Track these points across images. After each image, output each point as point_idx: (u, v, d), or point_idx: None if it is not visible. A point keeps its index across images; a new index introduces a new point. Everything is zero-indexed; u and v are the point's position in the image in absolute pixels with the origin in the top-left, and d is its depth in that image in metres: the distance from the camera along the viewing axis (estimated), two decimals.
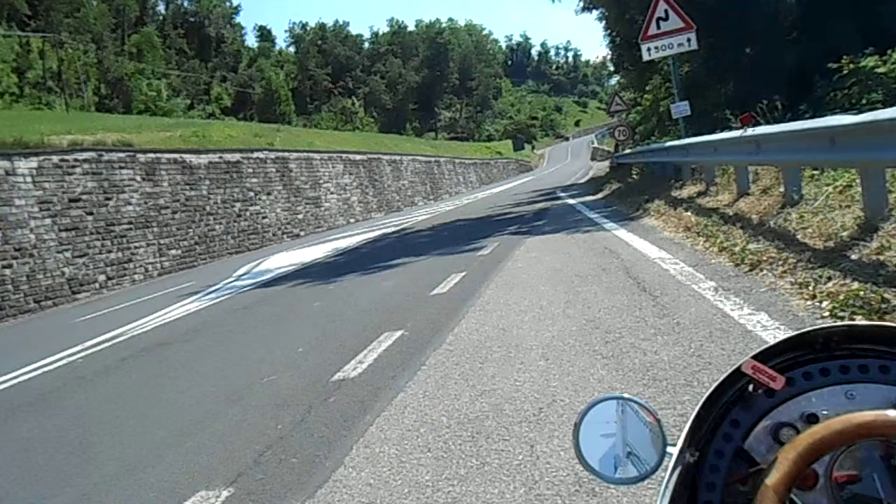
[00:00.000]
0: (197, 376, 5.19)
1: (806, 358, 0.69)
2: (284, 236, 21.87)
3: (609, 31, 20.20)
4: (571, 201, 15.91)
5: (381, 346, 4.70)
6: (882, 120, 4.17)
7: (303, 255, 13.81)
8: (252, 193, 21.02)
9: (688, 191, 9.83)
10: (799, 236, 5.01)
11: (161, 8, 69.23)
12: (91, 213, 14.78)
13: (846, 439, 0.59)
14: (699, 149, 9.10)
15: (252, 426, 3.63)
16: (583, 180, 29.16)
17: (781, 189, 6.36)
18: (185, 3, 71.03)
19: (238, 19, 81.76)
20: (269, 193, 21.91)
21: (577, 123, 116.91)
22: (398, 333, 4.98)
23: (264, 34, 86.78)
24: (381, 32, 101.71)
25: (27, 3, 48.58)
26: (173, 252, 17.05)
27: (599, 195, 16.26)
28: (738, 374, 0.68)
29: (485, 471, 2.54)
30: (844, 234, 4.55)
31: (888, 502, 0.61)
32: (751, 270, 4.74)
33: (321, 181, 25.56)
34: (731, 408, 0.69)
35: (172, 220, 17.30)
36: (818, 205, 5.49)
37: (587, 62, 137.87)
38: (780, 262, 4.59)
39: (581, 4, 20.00)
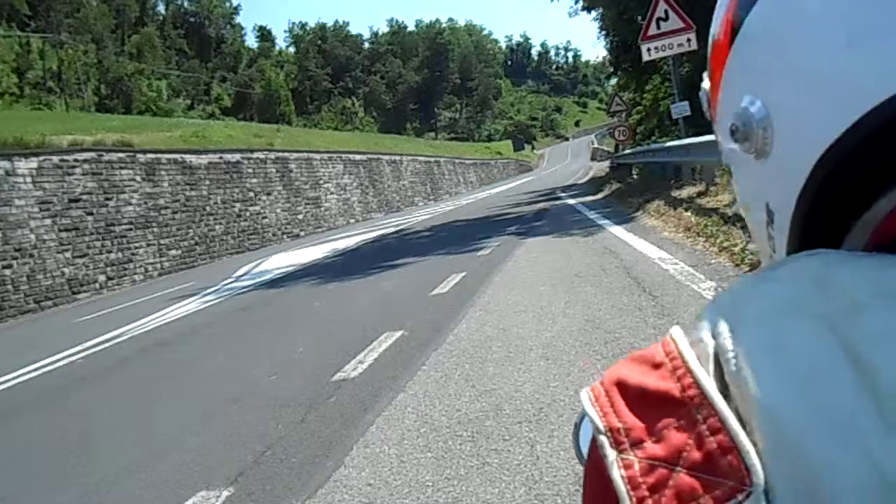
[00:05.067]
0: (197, 376, 5.20)
1: None
2: (284, 236, 21.87)
3: (607, 32, 20.23)
4: (571, 201, 15.91)
5: (382, 347, 4.71)
6: None
7: (303, 256, 13.82)
8: (252, 194, 21.02)
9: (688, 191, 9.83)
10: None
11: (161, 8, 69.32)
12: (91, 214, 14.79)
13: None
14: (699, 149, 9.09)
15: (252, 426, 3.63)
16: (583, 180, 29.17)
17: None
18: (185, 3, 71.15)
19: (238, 19, 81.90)
20: (269, 194, 21.92)
21: (577, 123, 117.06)
22: (398, 333, 4.98)
23: (264, 34, 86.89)
24: (380, 32, 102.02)
25: (27, 3, 48.62)
26: (173, 252, 17.06)
27: (599, 195, 16.26)
28: None
29: (485, 471, 2.55)
30: None
31: None
32: (750, 270, 4.74)
33: (321, 181, 25.57)
34: None
35: (172, 220, 17.31)
36: None
37: (587, 62, 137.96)
38: None
39: (578, 6, 20.04)
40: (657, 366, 0.32)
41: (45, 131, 15.72)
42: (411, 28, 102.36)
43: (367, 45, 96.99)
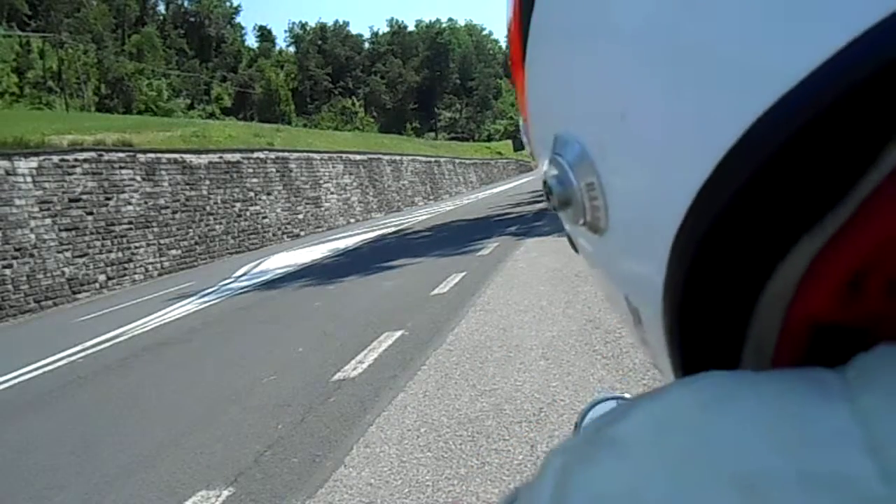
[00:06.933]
0: (197, 376, 5.20)
1: None
2: (284, 236, 21.87)
3: None
4: None
5: (382, 346, 4.71)
6: None
7: (303, 256, 13.82)
8: (252, 193, 21.02)
9: None
10: None
11: (161, 8, 69.28)
12: (91, 213, 14.78)
13: None
14: None
15: (252, 426, 3.63)
16: None
17: None
18: (185, 3, 71.08)
19: (238, 19, 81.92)
20: (269, 193, 21.91)
21: None
22: (398, 333, 4.99)
23: (264, 34, 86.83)
24: (381, 32, 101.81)
25: (27, 3, 48.64)
26: (173, 252, 17.06)
27: None
28: None
29: (485, 471, 2.55)
30: None
31: None
32: None
33: (321, 181, 25.57)
34: None
35: (172, 220, 17.31)
36: None
37: None
38: None
39: None
40: None
41: (45, 131, 15.72)
42: (411, 28, 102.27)
43: (367, 45, 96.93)
